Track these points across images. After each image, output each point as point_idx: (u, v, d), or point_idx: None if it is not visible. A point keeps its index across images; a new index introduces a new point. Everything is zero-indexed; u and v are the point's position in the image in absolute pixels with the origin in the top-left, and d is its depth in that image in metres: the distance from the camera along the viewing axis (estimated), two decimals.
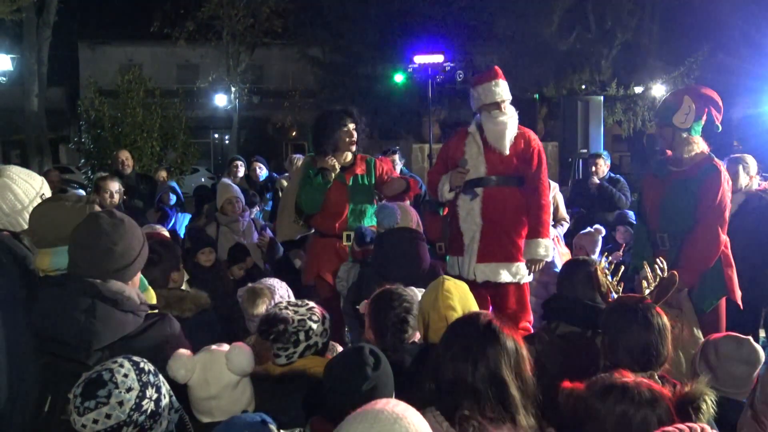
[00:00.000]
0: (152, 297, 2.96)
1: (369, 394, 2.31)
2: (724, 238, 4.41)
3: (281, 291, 3.56)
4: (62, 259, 2.64)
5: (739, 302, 4.57)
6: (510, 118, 4.97)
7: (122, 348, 2.33)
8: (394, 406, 1.81)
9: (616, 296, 3.12)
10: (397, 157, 7.97)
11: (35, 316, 2.41)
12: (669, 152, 4.65)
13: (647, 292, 2.97)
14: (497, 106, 4.96)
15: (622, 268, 3.32)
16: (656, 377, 2.70)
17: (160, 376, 2.21)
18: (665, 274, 2.99)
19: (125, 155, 8.65)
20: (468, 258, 4.98)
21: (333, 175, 5.22)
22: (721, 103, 4.54)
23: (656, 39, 22.64)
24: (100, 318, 2.37)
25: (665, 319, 2.83)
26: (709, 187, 4.32)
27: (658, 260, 3.05)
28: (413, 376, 2.78)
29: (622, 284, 3.19)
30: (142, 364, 2.17)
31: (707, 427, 1.98)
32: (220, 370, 2.41)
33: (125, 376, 2.10)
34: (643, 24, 22.16)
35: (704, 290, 4.47)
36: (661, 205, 4.52)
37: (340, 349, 3.28)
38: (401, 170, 8.01)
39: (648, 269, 3.00)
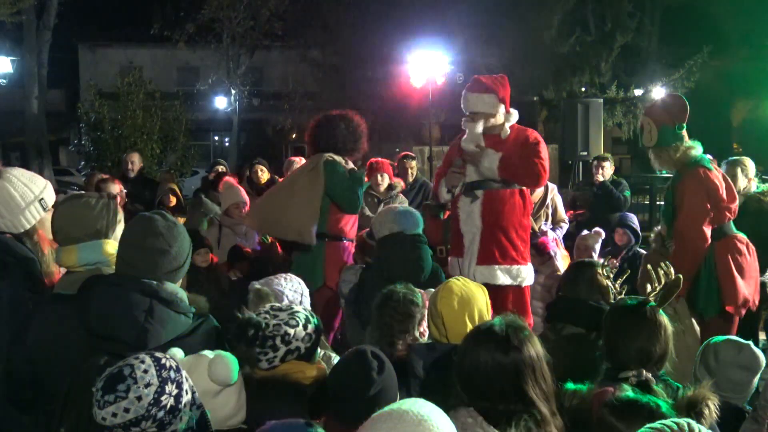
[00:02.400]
0: None
1: (376, 398, 2.32)
2: (701, 240, 4.46)
3: (292, 294, 3.53)
4: (89, 255, 2.69)
5: (736, 312, 4.56)
6: (472, 129, 5.00)
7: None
8: (420, 407, 1.81)
9: (618, 298, 3.13)
10: (414, 163, 8.01)
11: (92, 315, 2.45)
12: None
13: (651, 294, 2.99)
14: (469, 116, 5.04)
15: (629, 272, 3.34)
16: (648, 375, 2.71)
17: (183, 373, 2.22)
18: (671, 277, 3.00)
19: (134, 158, 8.68)
20: (468, 260, 4.98)
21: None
22: (678, 102, 4.61)
23: (656, 41, 22.70)
24: (158, 319, 2.45)
25: (666, 320, 2.84)
26: (679, 193, 4.51)
27: (663, 263, 3.07)
28: (433, 376, 2.79)
29: (626, 287, 3.21)
30: (163, 360, 2.18)
31: (693, 423, 1.99)
32: (201, 377, 2.39)
33: (145, 371, 2.12)
34: (643, 27, 22.21)
35: (699, 299, 4.52)
36: (662, 217, 4.82)
37: (332, 356, 3.30)
38: (416, 176, 8.02)
39: (653, 271, 3.02)
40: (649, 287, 3.00)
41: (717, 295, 4.52)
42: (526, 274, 4.99)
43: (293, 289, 3.60)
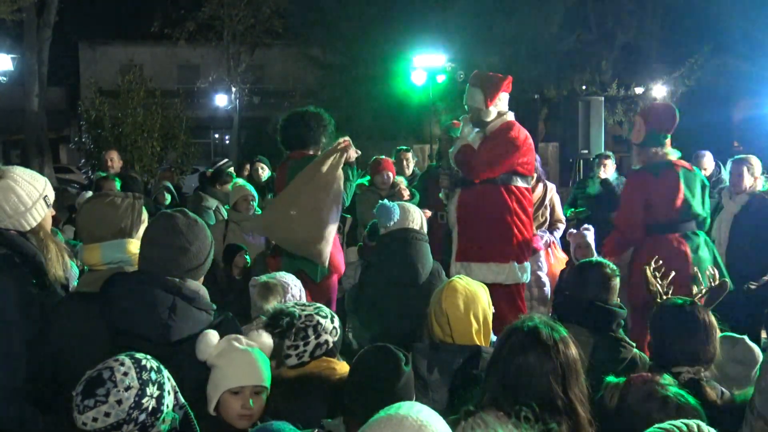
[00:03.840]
0: None
1: (402, 390, 2.32)
2: (628, 235, 4.97)
3: (294, 290, 3.55)
4: (112, 253, 2.74)
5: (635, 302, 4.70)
6: (466, 127, 5.11)
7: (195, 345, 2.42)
8: (418, 411, 1.79)
9: (665, 298, 3.22)
10: (410, 155, 8.01)
11: (115, 312, 2.47)
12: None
13: (697, 296, 3.09)
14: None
15: (673, 273, 3.44)
16: (705, 374, 2.75)
17: (164, 373, 2.21)
18: (717, 282, 3.13)
19: (113, 155, 8.59)
20: (452, 257, 5.01)
21: None
22: (671, 114, 5.05)
23: (657, 39, 22.65)
24: (180, 315, 2.47)
25: (715, 321, 2.91)
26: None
27: (710, 267, 3.21)
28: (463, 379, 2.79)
29: (672, 287, 3.30)
30: (144, 362, 2.17)
31: (703, 425, 1.98)
32: (229, 364, 2.44)
33: (125, 374, 2.10)
34: (644, 24, 22.17)
35: None
36: None
37: None
38: (414, 171, 7.99)
39: (699, 275, 3.17)
40: (695, 289, 3.12)
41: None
42: (510, 272, 4.93)
43: (295, 284, 3.61)
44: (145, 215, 2.92)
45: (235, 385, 2.40)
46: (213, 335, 2.43)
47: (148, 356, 2.21)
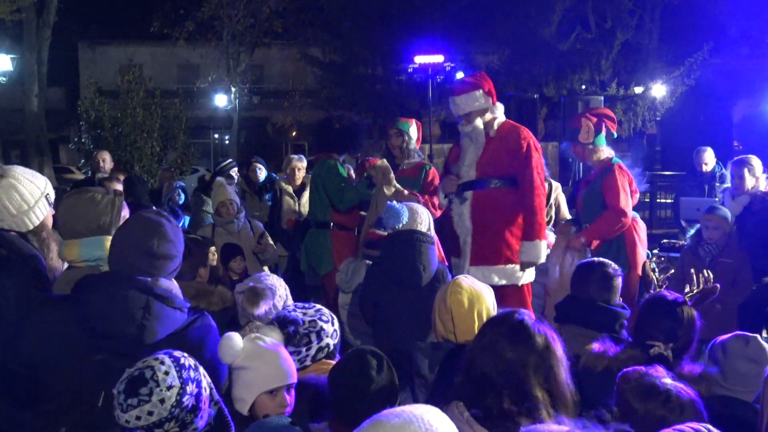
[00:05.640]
0: None
1: (376, 397, 2.32)
2: (628, 220, 5.30)
3: (281, 290, 3.53)
4: (90, 250, 2.73)
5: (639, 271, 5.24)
6: (471, 129, 4.98)
7: (172, 343, 2.40)
8: (423, 412, 1.71)
9: (658, 289, 3.49)
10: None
11: (91, 315, 2.45)
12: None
13: (688, 294, 3.20)
14: (461, 118, 5.05)
15: (672, 270, 3.57)
16: (669, 352, 2.92)
17: (201, 370, 2.24)
18: (710, 285, 3.26)
19: (104, 156, 8.50)
20: (463, 260, 4.98)
21: None
22: (613, 115, 5.70)
23: (656, 39, 22.66)
24: (155, 315, 2.45)
25: (694, 315, 3.12)
26: (608, 185, 5.32)
27: (705, 271, 3.35)
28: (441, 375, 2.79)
29: (667, 282, 3.59)
30: (182, 360, 2.20)
31: (712, 428, 1.97)
32: (259, 364, 2.47)
33: (166, 373, 2.13)
34: (644, 24, 22.18)
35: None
36: (582, 201, 5.63)
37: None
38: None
39: (695, 276, 3.30)
40: (687, 288, 3.24)
41: (624, 257, 5.22)
42: (522, 272, 4.92)
43: (282, 285, 3.57)
44: (126, 212, 2.89)
45: (272, 386, 2.44)
46: (237, 338, 2.44)
47: (185, 354, 2.23)
